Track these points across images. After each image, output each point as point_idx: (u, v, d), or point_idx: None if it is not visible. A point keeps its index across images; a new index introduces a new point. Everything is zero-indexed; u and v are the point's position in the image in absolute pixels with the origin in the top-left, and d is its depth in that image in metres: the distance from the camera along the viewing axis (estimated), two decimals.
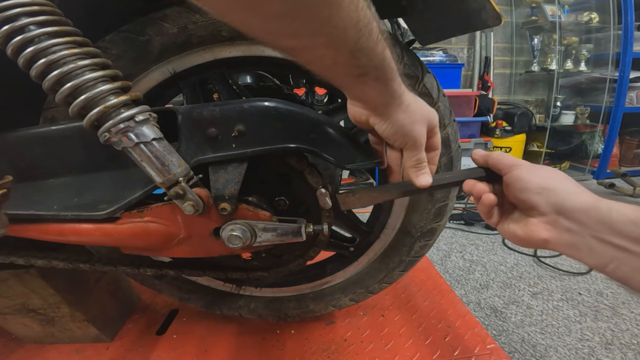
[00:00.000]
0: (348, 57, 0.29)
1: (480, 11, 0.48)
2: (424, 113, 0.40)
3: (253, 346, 0.80)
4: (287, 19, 0.24)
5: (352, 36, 0.27)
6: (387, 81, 0.34)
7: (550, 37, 2.76)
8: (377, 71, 0.32)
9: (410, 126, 0.38)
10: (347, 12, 0.25)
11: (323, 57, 0.29)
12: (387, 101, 0.36)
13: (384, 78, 0.33)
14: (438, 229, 0.70)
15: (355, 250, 0.76)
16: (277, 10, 0.23)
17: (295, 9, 0.23)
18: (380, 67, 0.32)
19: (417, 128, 0.39)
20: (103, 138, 0.41)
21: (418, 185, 0.42)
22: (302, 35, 0.26)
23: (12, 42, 0.37)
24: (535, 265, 1.56)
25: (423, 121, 0.40)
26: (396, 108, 0.37)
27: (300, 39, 0.27)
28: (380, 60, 0.31)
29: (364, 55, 0.29)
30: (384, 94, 0.35)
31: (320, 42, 0.27)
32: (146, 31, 0.54)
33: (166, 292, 0.79)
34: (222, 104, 0.47)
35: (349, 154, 0.48)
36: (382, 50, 0.31)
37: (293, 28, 0.25)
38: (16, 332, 0.81)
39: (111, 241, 0.51)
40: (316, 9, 0.24)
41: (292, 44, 0.27)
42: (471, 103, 2.61)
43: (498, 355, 0.76)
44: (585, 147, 2.94)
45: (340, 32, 0.26)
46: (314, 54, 0.29)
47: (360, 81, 0.33)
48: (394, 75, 0.34)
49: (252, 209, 0.51)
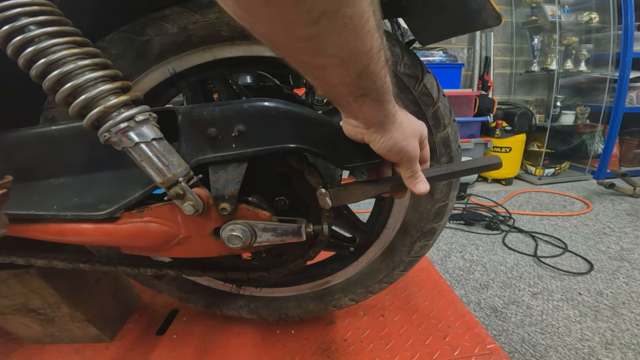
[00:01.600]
0: (355, 78, 0.32)
1: (480, 11, 0.48)
2: (415, 128, 0.43)
3: (253, 346, 0.80)
4: (312, 41, 0.27)
5: (363, 61, 0.30)
6: (384, 102, 0.37)
7: (551, 37, 2.76)
8: (377, 93, 0.35)
9: (404, 142, 0.41)
10: (364, 40, 0.28)
11: (332, 75, 0.32)
12: (381, 120, 0.39)
13: (382, 100, 0.36)
14: (438, 229, 0.70)
15: (355, 250, 0.76)
16: (305, 33, 0.26)
17: (320, 33, 0.26)
18: (380, 89, 0.35)
19: (411, 143, 0.42)
20: (103, 138, 0.41)
21: (417, 193, 0.45)
22: (319, 55, 0.29)
23: (12, 42, 0.37)
24: (535, 266, 1.56)
25: (415, 136, 0.43)
26: (390, 126, 0.40)
27: (316, 57, 0.29)
28: (382, 84, 0.34)
29: (368, 78, 0.32)
30: (380, 113, 0.38)
31: (334, 63, 0.30)
32: (146, 31, 0.54)
33: (166, 292, 0.79)
34: (222, 104, 0.47)
35: (349, 154, 0.48)
36: (384, 75, 0.34)
37: (314, 49, 0.28)
38: (16, 332, 0.81)
39: (111, 241, 0.51)
40: (340, 36, 0.27)
41: (308, 60, 0.30)
42: (471, 103, 2.61)
43: (498, 355, 0.76)
44: (585, 147, 2.94)
45: (354, 56, 0.29)
46: (324, 72, 0.32)
47: (360, 101, 0.36)
48: (390, 97, 0.37)
49: (252, 209, 0.51)
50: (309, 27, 0.25)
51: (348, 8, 0.25)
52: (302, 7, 0.24)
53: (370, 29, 0.28)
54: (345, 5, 0.24)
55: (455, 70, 2.63)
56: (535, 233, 1.86)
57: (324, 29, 0.26)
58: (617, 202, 2.29)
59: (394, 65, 0.56)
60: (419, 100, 0.58)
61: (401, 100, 0.58)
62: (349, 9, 0.25)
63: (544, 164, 2.84)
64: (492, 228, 1.94)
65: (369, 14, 0.27)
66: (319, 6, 0.24)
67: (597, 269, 1.51)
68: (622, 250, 1.66)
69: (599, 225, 1.95)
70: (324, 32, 0.26)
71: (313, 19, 0.25)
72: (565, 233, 1.87)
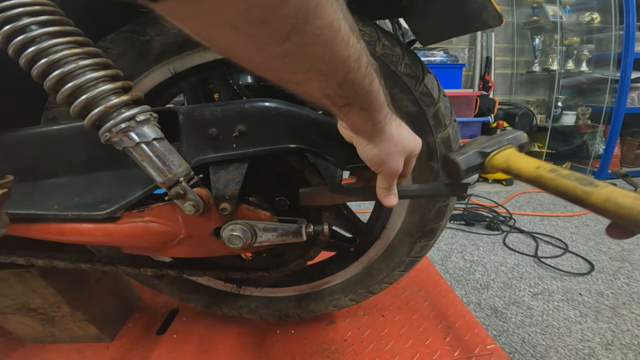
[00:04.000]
0: (336, 88, 0.31)
1: (481, 11, 0.48)
2: (404, 144, 0.41)
3: (253, 346, 0.80)
4: (287, 59, 0.27)
5: (342, 70, 0.30)
6: (372, 112, 0.36)
7: (552, 38, 2.76)
8: (362, 102, 0.34)
9: (387, 157, 0.41)
10: (338, 50, 0.28)
11: (314, 89, 0.32)
12: (369, 129, 0.38)
13: (369, 109, 0.35)
14: (438, 229, 0.70)
15: (355, 251, 0.76)
16: (278, 52, 0.26)
17: (293, 49, 0.26)
18: (366, 99, 0.34)
19: (394, 159, 0.41)
20: (104, 138, 0.41)
21: (385, 205, 0.46)
22: (298, 71, 0.29)
23: (14, 42, 0.37)
24: (536, 266, 1.56)
25: (402, 153, 0.42)
26: (377, 137, 0.39)
27: (295, 74, 0.29)
28: (367, 93, 0.33)
29: (351, 87, 0.32)
30: (367, 123, 0.37)
31: (313, 76, 0.30)
32: (147, 31, 0.54)
33: (166, 292, 0.79)
34: (223, 104, 0.47)
35: (349, 154, 0.48)
36: (369, 83, 0.33)
37: (291, 66, 0.28)
38: (16, 331, 0.81)
39: (112, 241, 0.51)
40: (314, 49, 0.26)
41: (288, 77, 0.30)
42: (472, 103, 2.61)
43: (498, 355, 0.76)
44: (586, 148, 2.93)
45: (332, 67, 0.29)
46: (307, 87, 0.31)
47: (345, 110, 0.35)
48: (379, 107, 0.36)
49: (252, 209, 0.51)
50: (281, 45, 0.25)
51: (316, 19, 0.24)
52: (269, 27, 0.23)
53: (344, 36, 0.27)
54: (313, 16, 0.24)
55: (456, 71, 2.63)
56: (536, 233, 1.86)
57: (296, 45, 0.25)
58: None
59: (395, 66, 0.56)
60: (419, 101, 0.58)
61: (402, 100, 0.59)
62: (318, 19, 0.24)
63: None
64: (493, 228, 1.93)
65: (338, 22, 0.26)
66: (286, 24, 0.23)
67: (597, 269, 1.51)
68: (623, 251, 1.66)
69: (600, 226, 1.94)
70: (297, 48, 0.25)
71: (283, 37, 0.24)
72: (566, 233, 1.87)
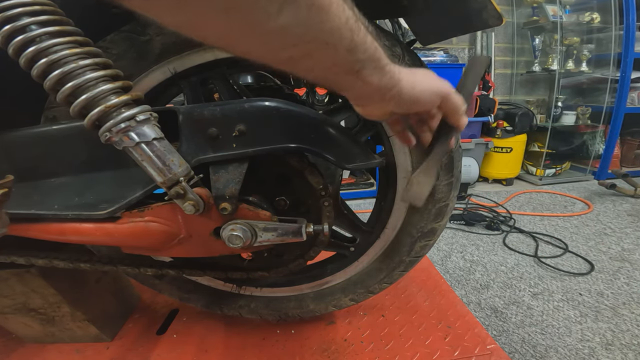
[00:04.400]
0: (345, 54, 0.31)
1: (481, 11, 0.48)
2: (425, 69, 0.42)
3: (253, 346, 0.80)
4: (286, 32, 0.27)
5: (346, 35, 0.30)
6: (383, 67, 0.36)
7: (552, 37, 2.75)
8: (373, 61, 0.34)
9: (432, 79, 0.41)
10: (336, 14, 0.28)
11: (323, 60, 0.31)
12: (387, 83, 0.38)
13: (380, 65, 0.35)
14: (438, 229, 0.70)
15: (355, 250, 0.76)
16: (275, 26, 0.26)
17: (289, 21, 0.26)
18: (374, 56, 0.34)
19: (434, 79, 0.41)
20: (104, 138, 0.41)
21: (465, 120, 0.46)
22: (300, 44, 0.29)
23: (14, 41, 0.37)
24: (536, 266, 1.56)
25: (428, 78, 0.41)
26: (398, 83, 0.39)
27: (299, 47, 0.29)
28: (373, 50, 0.33)
29: (358, 50, 0.32)
30: (384, 78, 0.37)
31: (317, 47, 0.30)
32: (147, 31, 0.54)
33: (166, 291, 0.79)
34: (223, 103, 0.47)
35: (350, 154, 0.48)
36: (371, 41, 0.33)
37: (291, 39, 0.28)
38: (16, 331, 0.81)
39: (112, 241, 0.51)
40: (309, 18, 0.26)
41: (292, 53, 0.30)
42: (472, 103, 2.61)
43: (498, 355, 0.76)
44: (586, 148, 2.93)
45: (334, 33, 0.29)
46: (313, 61, 0.31)
47: (362, 75, 0.35)
48: (386, 59, 0.36)
49: (252, 209, 0.51)
50: (276, 19, 0.25)
51: None
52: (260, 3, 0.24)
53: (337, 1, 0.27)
54: None
55: (456, 71, 2.62)
56: (535, 233, 1.86)
57: (291, 16, 0.25)
58: (618, 202, 2.29)
59: None
60: None
61: None
62: None
63: (545, 164, 2.83)
64: (493, 228, 1.93)
65: None
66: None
67: (597, 269, 1.51)
68: (623, 250, 1.66)
69: (600, 226, 1.94)
70: (293, 19, 0.26)
71: (276, 10, 0.24)
72: (566, 233, 1.87)
